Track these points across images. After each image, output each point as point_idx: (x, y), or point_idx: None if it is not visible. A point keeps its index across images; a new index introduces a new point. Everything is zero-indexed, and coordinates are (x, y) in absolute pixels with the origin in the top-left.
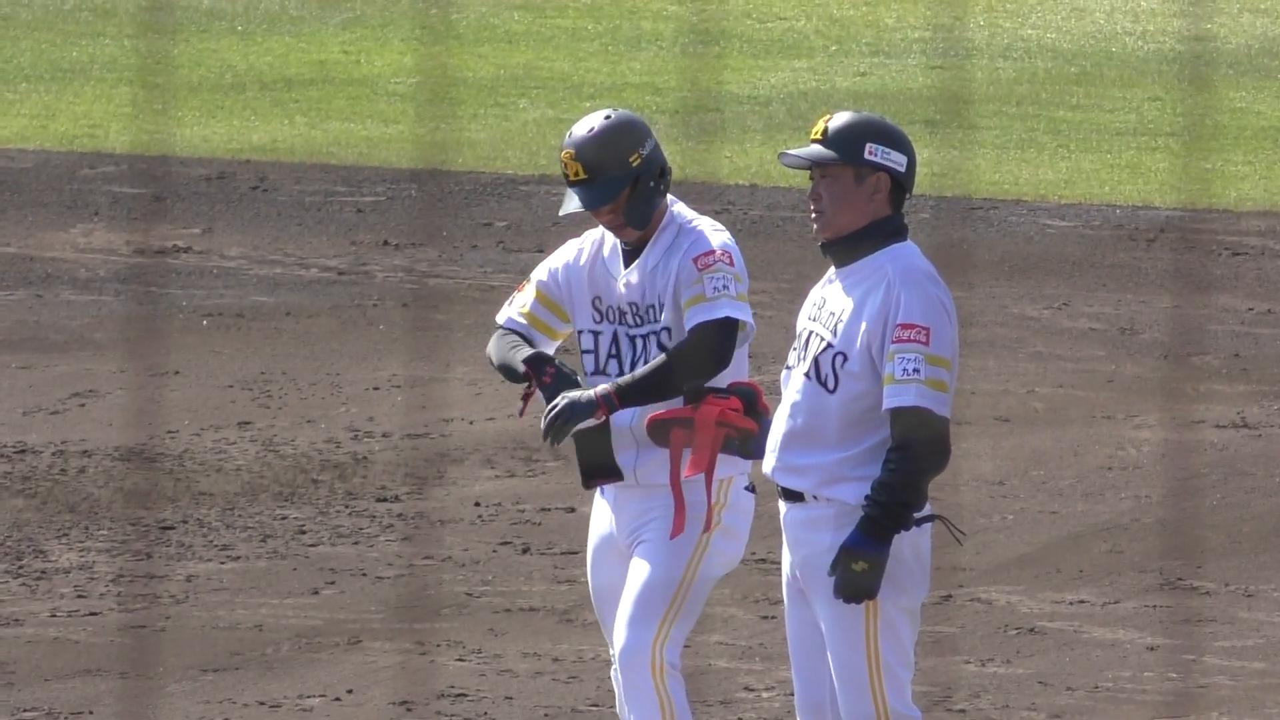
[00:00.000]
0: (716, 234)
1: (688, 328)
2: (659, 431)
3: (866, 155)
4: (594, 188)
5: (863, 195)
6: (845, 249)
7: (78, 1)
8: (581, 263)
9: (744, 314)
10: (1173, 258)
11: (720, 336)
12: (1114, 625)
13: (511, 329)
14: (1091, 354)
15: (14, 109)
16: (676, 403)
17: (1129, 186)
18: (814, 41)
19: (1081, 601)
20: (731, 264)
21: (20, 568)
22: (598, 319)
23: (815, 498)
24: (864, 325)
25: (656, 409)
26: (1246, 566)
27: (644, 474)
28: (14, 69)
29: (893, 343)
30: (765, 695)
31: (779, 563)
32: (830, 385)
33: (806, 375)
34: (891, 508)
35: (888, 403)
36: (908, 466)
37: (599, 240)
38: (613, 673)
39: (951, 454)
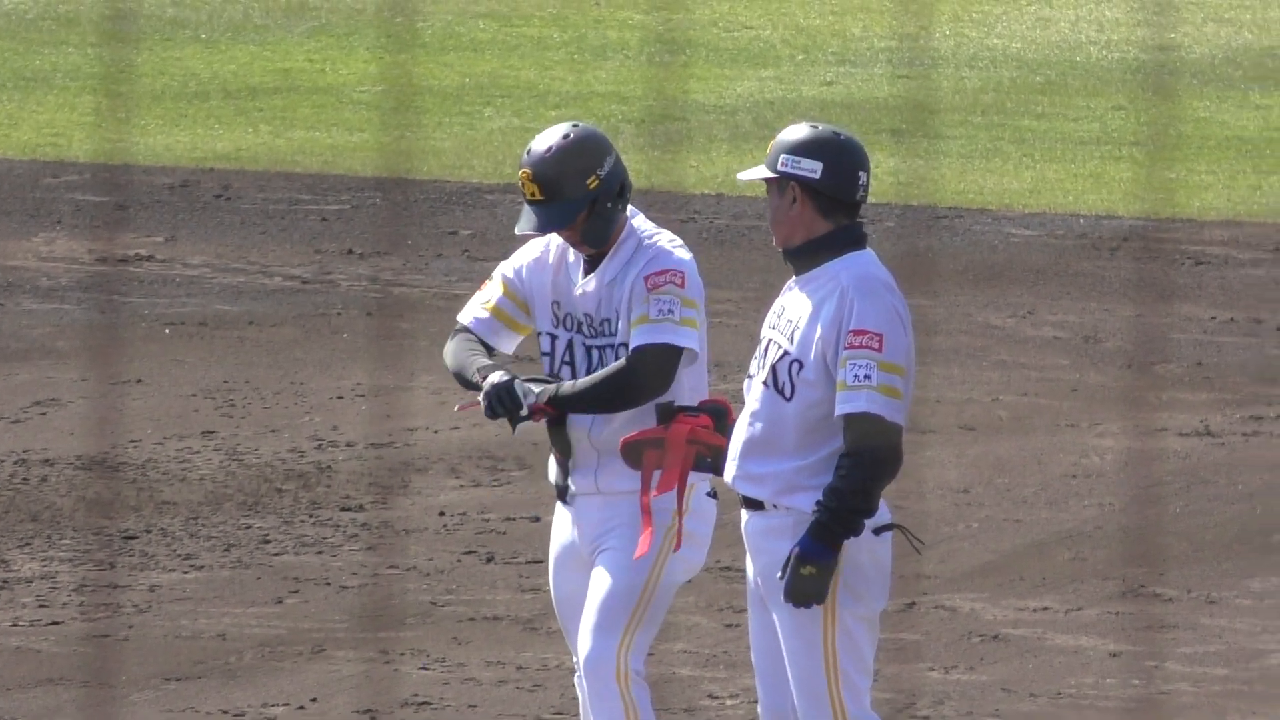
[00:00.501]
0: (673, 252)
1: (636, 342)
2: (632, 453)
3: (779, 166)
4: (551, 209)
5: (784, 206)
6: (803, 257)
7: (41, 10)
8: (549, 262)
9: (684, 340)
10: (1136, 267)
11: (659, 362)
12: (1077, 632)
13: (473, 331)
14: (1055, 362)
15: None
16: (649, 422)
17: (1093, 196)
18: (780, 51)
19: (1044, 608)
20: (682, 285)
21: None
22: (555, 323)
23: (774, 506)
24: (819, 332)
25: (629, 429)
26: (1209, 573)
27: (605, 482)
28: None
29: (845, 349)
30: (729, 703)
31: (744, 570)
32: (787, 393)
33: (765, 383)
34: (842, 514)
35: (839, 409)
36: (858, 473)
37: (564, 245)
38: (577, 680)
39: (904, 461)
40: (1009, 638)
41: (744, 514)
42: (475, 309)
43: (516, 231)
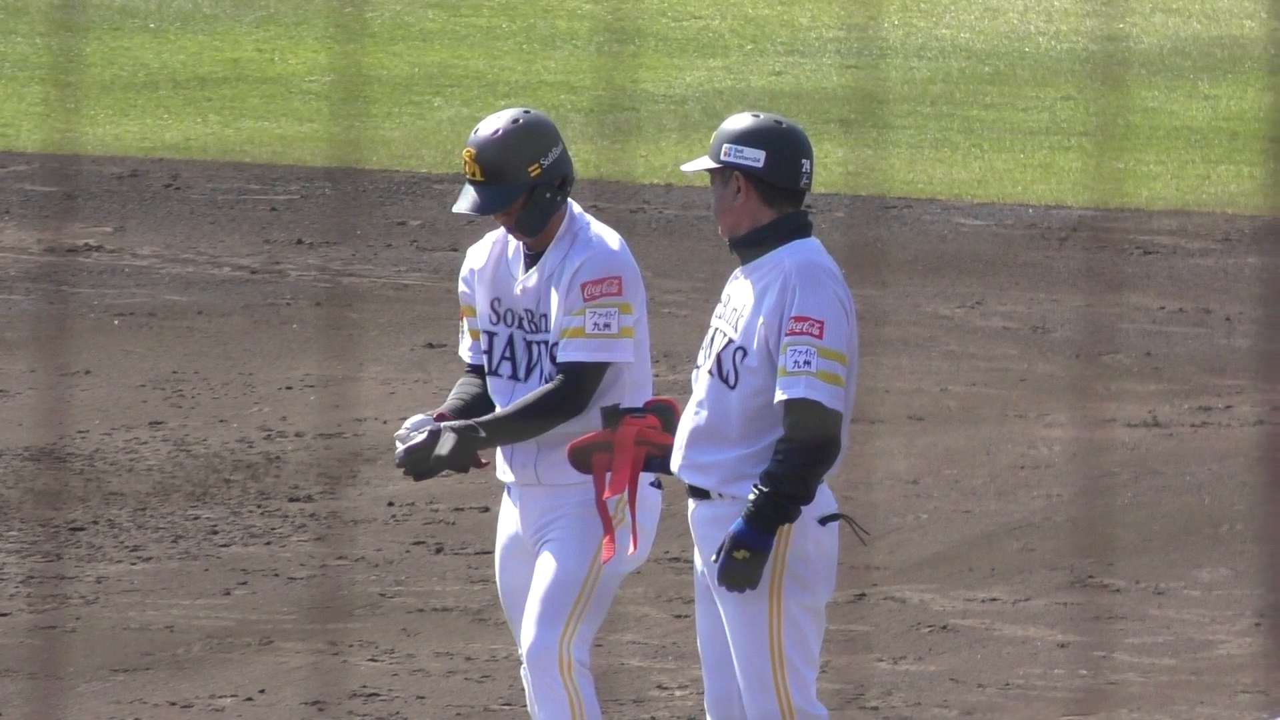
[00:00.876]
0: (607, 254)
1: (560, 358)
2: (580, 457)
3: (722, 156)
4: (489, 192)
5: (728, 196)
6: (748, 246)
7: None
8: (483, 265)
9: (620, 354)
10: (1085, 257)
11: (592, 379)
12: (1025, 623)
13: (471, 365)
14: (1004, 352)
15: None
16: (595, 425)
17: (1042, 186)
18: (729, 41)
19: (993, 599)
20: (619, 292)
21: None
22: (494, 320)
23: (720, 495)
24: (762, 319)
25: (571, 425)
26: (1157, 564)
27: (545, 474)
28: None
29: (786, 335)
30: (678, 694)
31: (691, 561)
32: (731, 381)
33: (710, 372)
34: (776, 499)
35: (779, 394)
36: (794, 459)
37: (502, 240)
38: (523, 671)
39: (852, 451)
40: (958, 628)
41: (690, 503)
42: (463, 344)
43: (454, 210)
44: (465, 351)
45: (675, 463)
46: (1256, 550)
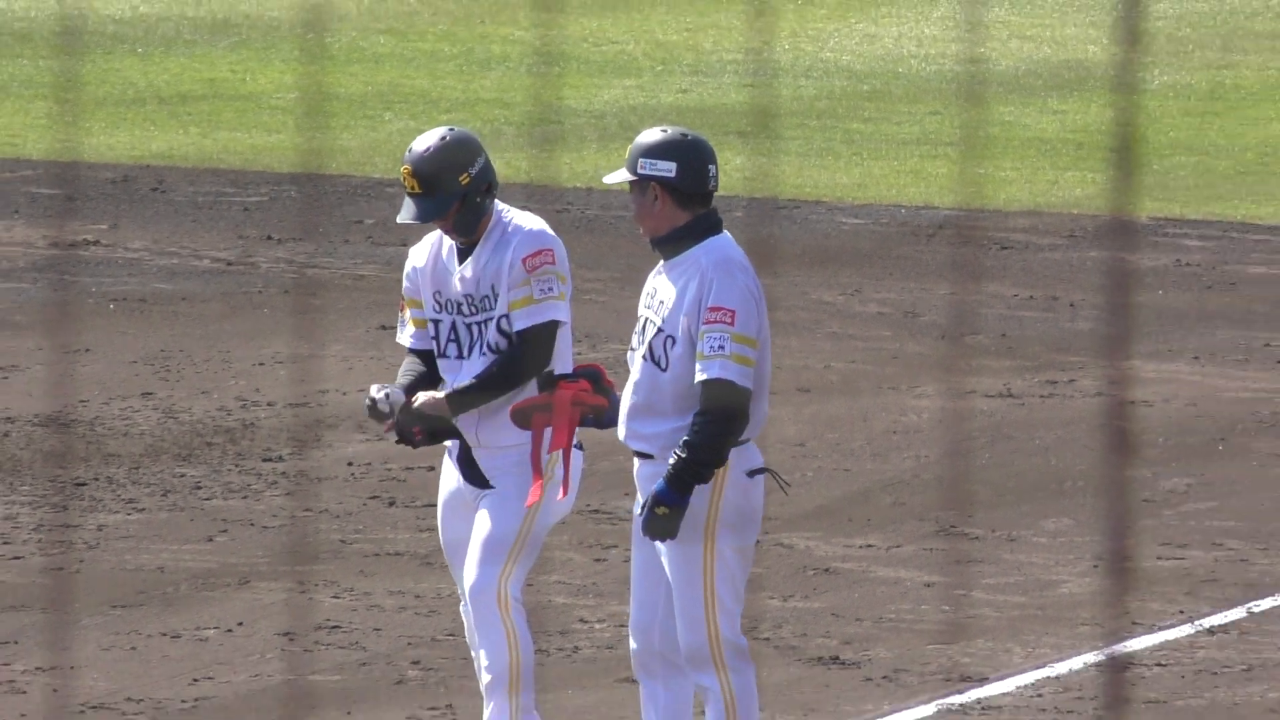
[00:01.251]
0: (538, 232)
1: (516, 328)
2: (521, 418)
3: (639, 170)
4: (427, 202)
5: (647, 204)
6: (669, 245)
7: None
8: (423, 264)
9: (562, 314)
10: (950, 251)
11: (545, 339)
12: (896, 566)
13: (413, 349)
14: (879, 334)
15: None
16: (531, 390)
17: (913, 189)
18: (642, 63)
19: (869, 545)
20: (554, 262)
21: None
22: (437, 309)
23: (658, 457)
24: (684, 310)
25: (516, 397)
26: (1010, 515)
27: (486, 438)
28: None
29: (703, 324)
30: (598, 626)
31: (610, 513)
32: (663, 365)
33: (644, 357)
34: (692, 465)
35: (698, 375)
36: (709, 429)
37: (438, 242)
38: (463, 608)
39: (765, 415)
40: (838, 570)
41: (636, 462)
42: (404, 334)
43: (398, 220)
44: (406, 338)
45: (621, 433)
46: (1094, 503)
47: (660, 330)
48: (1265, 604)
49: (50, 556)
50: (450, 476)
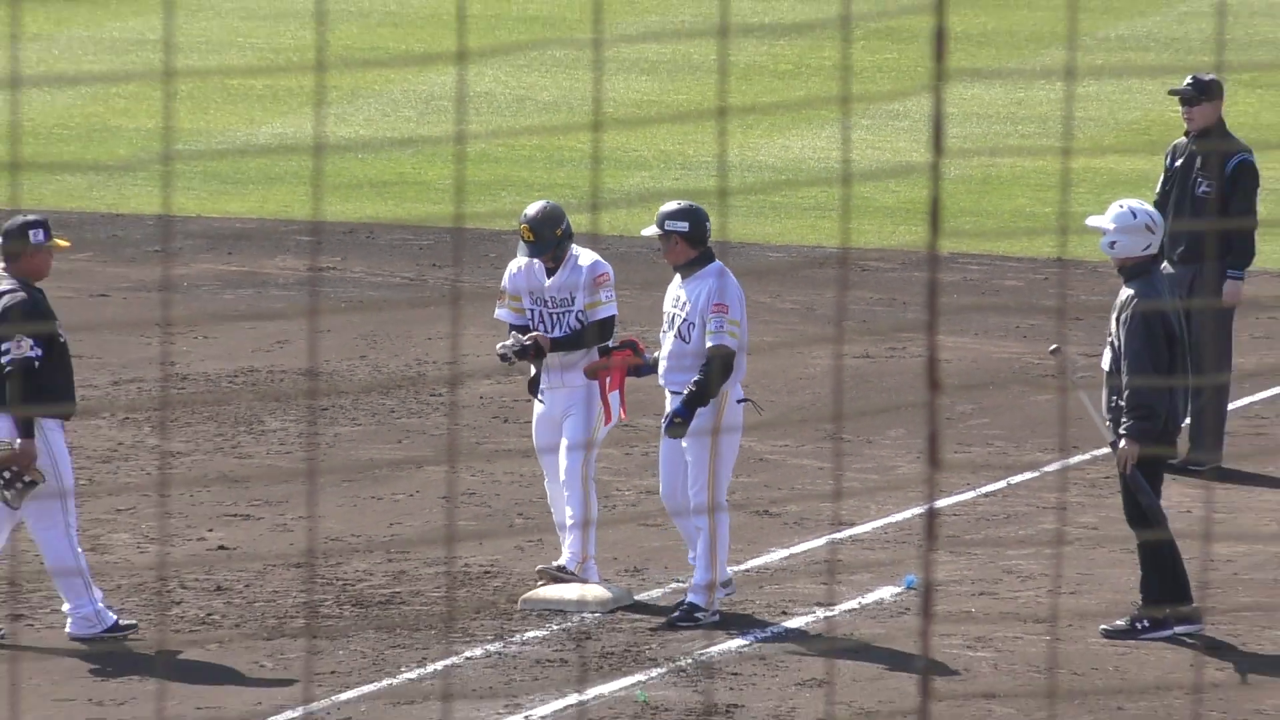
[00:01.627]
0: (600, 262)
1: (597, 316)
2: (591, 372)
3: (665, 227)
4: (537, 245)
5: (671, 246)
6: (685, 269)
7: None
8: (518, 273)
9: (616, 310)
10: (833, 273)
11: (609, 325)
12: (801, 457)
13: (509, 322)
14: (791, 321)
15: None
16: (594, 356)
17: (811, 236)
18: (651, 162)
19: (785, 445)
20: (609, 280)
21: None
22: (531, 303)
23: (686, 391)
24: (700, 306)
25: (585, 360)
26: (868, 426)
27: (567, 380)
28: None
29: (710, 313)
30: (627, 494)
31: (633, 427)
32: (687, 340)
33: (675, 336)
34: (698, 394)
35: (708, 342)
36: (712, 372)
37: (528, 263)
38: (547, 484)
39: (744, 369)
40: (768, 459)
41: (669, 397)
42: (500, 305)
43: (521, 255)
44: (502, 314)
45: (661, 381)
46: (917, 419)
47: (686, 320)
48: (1018, 479)
49: (306, 451)
50: (540, 408)
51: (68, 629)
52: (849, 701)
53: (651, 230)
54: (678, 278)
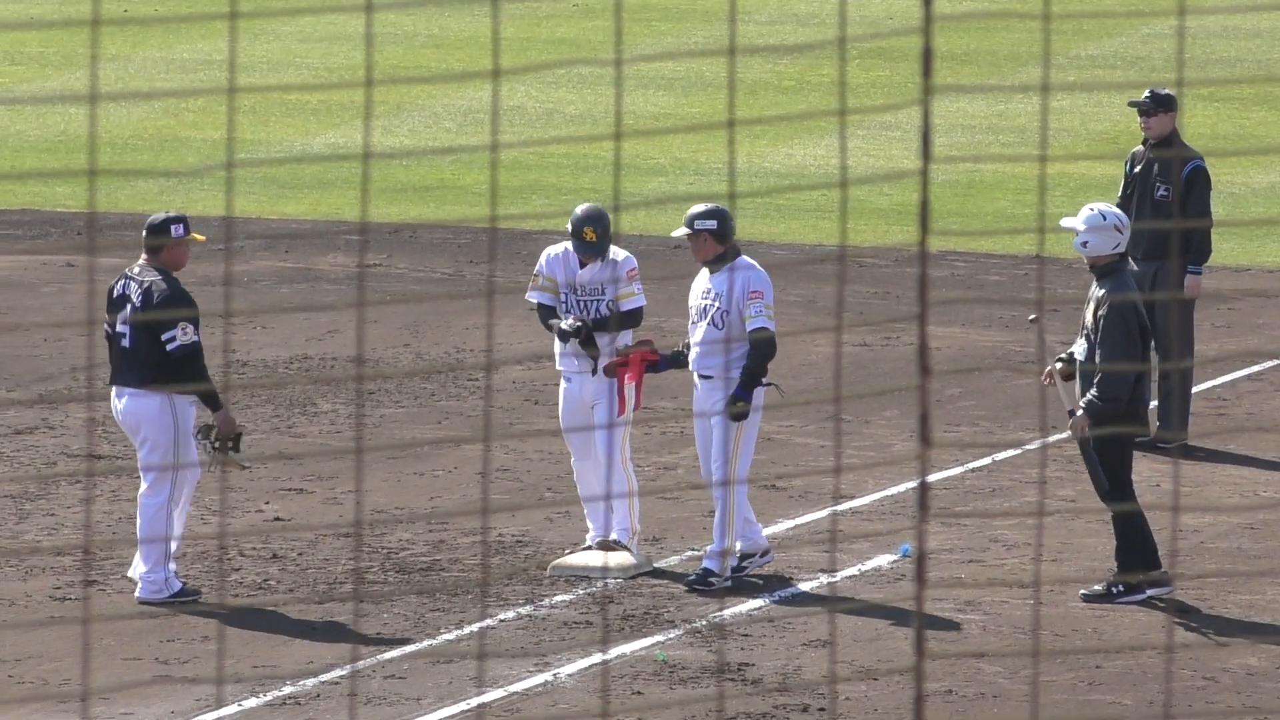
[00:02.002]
0: (631, 258)
1: (629, 306)
2: (610, 370)
3: (695, 226)
4: (600, 244)
5: (699, 244)
6: (714, 264)
7: None
8: (555, 258)
9: (645, 301)
10: (832, 269)
11: (639, 314)
12: (806, 436)
13: (541, 301)
14: (794, 313)
15: None
16: (612, 353)
17: (813, 235)
18: (668, 169)
19: (790, 425)
20: (638, 274)
21: None
22: (565, 289)
23: (717, 378)
24: (733, 296)
25: (611, 351)
26: (865, 408)
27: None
28: None
29: (748, 300)
30: (648, 469)
31: (651, 409)
32: (719, 327)
33: (707, 324)
34: (753, 375)
35: (749, 325)
36: (760, 354)
37: (565, 251)
38: (573, 462)
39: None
40: (774, 438)
41: (700, 382)
42: (533, 289)
43: (581, 255)
44: (533, 296)
45: (693, 366)
46: (910, 401)
47: (719, 307)
48: (1002, 455)
49: (355, 431)
50: (571, 389)
51: (137, 593)
52: (850, 660)
53: (681, 231)
54: (704, 273)
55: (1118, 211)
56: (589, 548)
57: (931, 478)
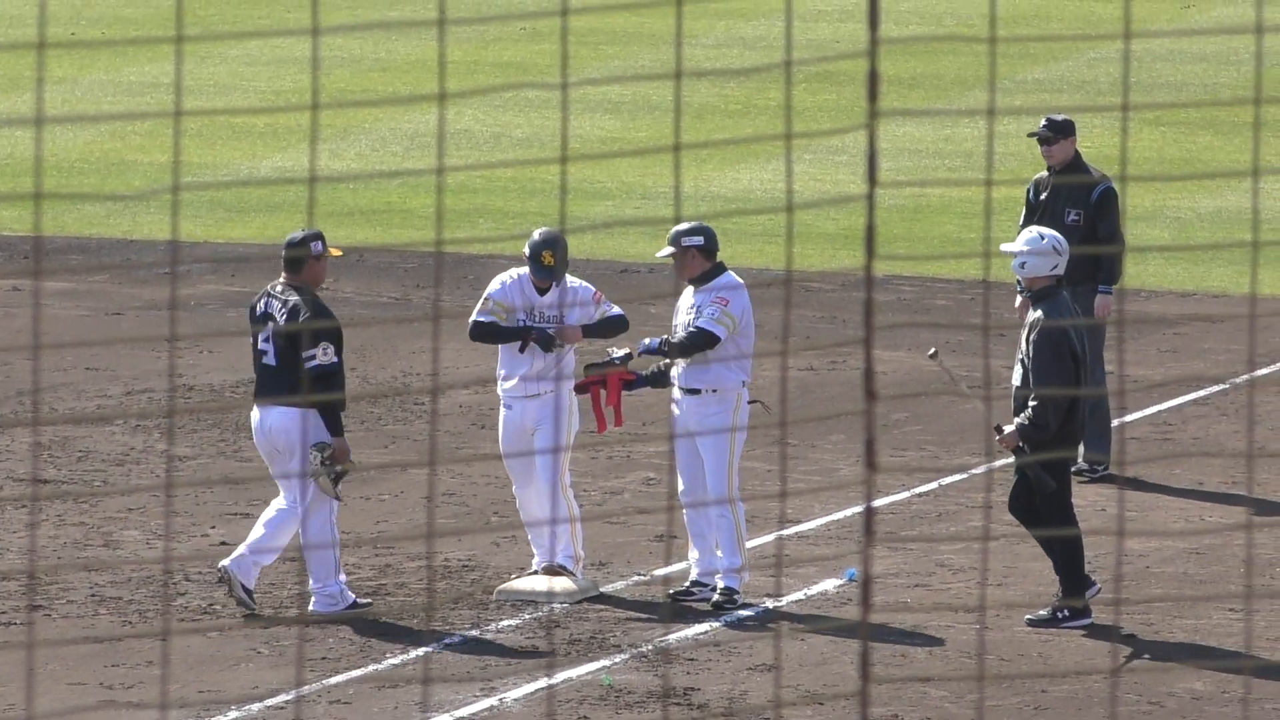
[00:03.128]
0: (588, 286)
1: (610, 314)
2: (581, 389)
3: (682, 243)
4: (557, 269)
5: (686, 261)
6: (700, 281)
7: None
8: (510, 284)
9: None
10: (778, 292)
11: (623, 321)
12: (753, 460)
13: (486, 320)
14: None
15: None
16: (572, 365)
17: (760, 259)
18: (615, 192)
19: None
20: (603, 297)
21: None
22: (521, 313)
23: (704, 393)
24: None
25: (554, 370)
26: (812, 432)
27: (542, 387)
28: None
29: (711, 303)
30: (628, 492)
31: (626, 433)
32: None
33: None
34: (675, 347)
35: (697, 321)
36: (689, 341)
37: (520, 277)
38: (515, 489)
39: (742, 370)
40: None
41: (684, 396)
42: (483, 312)
43: (537, 278)
44: (480, 317)
45: (677, 382)
46: (856, 426)
47: None
48: (948, 480)
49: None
50: (510, 417)
51: (311, 606)
52: (796, 685)
53: (666, 251)
54: (689, 290)
55: (1056, 234)
56: (535, 572)
57: (877, 502)
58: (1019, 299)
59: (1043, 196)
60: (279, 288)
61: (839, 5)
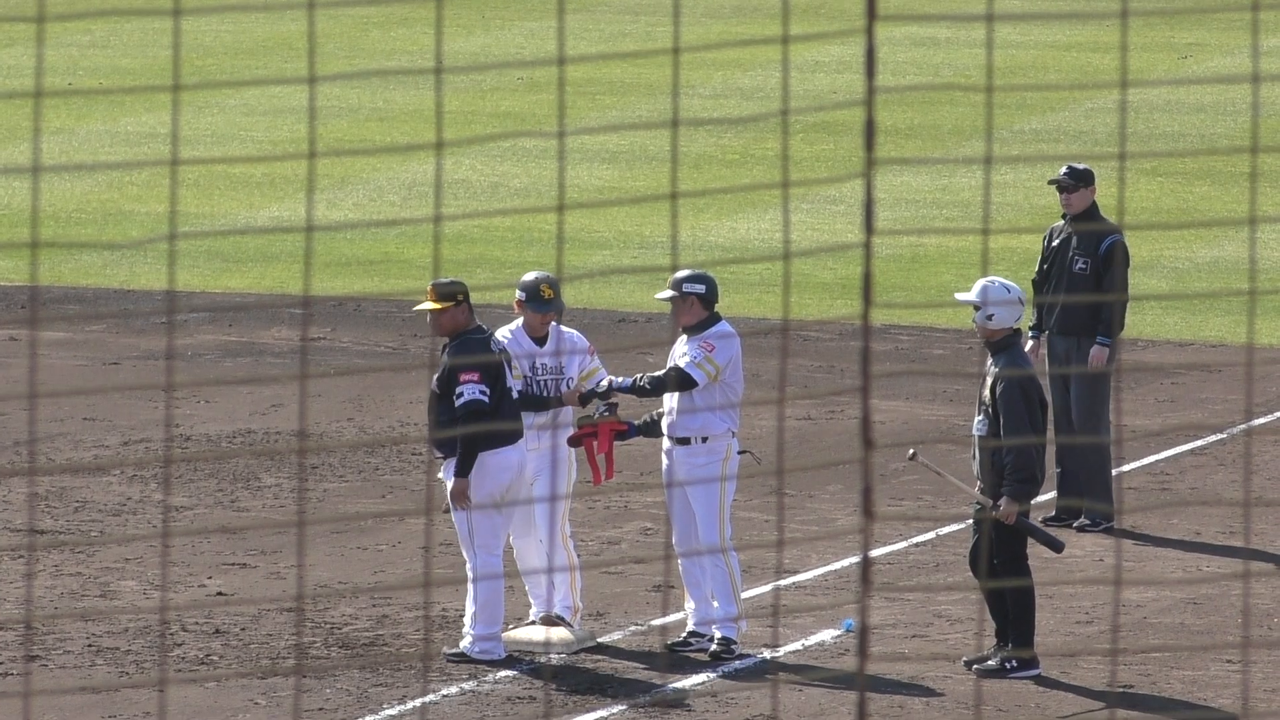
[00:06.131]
0: (582, 338)
1: (600, 376)
2: (575, 441)
3: (683, 289)
4: (555, 302)
5: (684, 308)
6: (696, 329)
7: None
8: (511, 340)
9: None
10: (775, 341)
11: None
12: (751, 510)
13: (521, 387)
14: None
15: None
16: (568, 417)
17: (757, 309)
18: (612, 241)
19: (738, 501)
20: (596, 351)
21: None
22: (525, 367)
23: (694, 442)
24: None
25: (550, 423)
26: (809, 481)
27: (541, 441)
28: None
29: (696, 347)
30: (625, 542)
31: (627, 485)
32: (694, 391)
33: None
34: (652, 382)
35: (679, 363)
36: (666, 381)
37: (516, 330)
38: (516, 540)
39: (729, 419)
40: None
41: (675, 447)
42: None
43: (547, 312)
44: (516, 385)
45: (666, 429)
46: (854, 474)
47: None
48: (945, 530)
49: (298, 505)
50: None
51: (465, 646)
52: None
53: (666, 294)
54: (683, 338)
55: (1014, 284)
56: (532, 623)
57: (875, 552)
58: (1029, 343)
59: (1055, 244)
60: (509, 332)
61: (836, 56)
